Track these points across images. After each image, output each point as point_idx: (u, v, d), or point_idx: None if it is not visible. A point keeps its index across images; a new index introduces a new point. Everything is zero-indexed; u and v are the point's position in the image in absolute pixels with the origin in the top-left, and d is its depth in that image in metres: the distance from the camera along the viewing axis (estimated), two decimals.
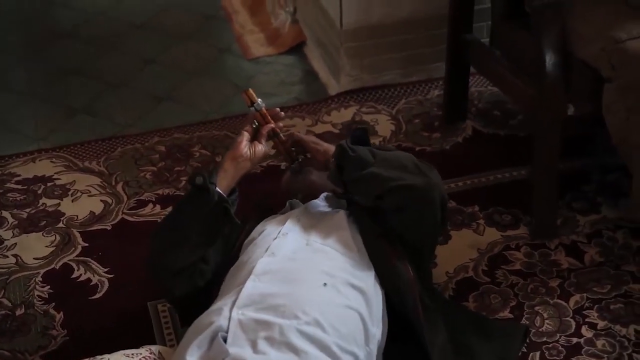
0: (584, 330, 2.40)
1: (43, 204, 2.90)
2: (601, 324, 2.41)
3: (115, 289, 2.59)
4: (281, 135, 2.38)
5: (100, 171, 3.04)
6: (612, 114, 2.42)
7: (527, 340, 2.36)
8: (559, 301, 2.48)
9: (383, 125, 3.22)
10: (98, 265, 2.66)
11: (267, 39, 3.80)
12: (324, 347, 1.93)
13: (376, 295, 2.15)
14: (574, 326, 2.41)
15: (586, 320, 2.43)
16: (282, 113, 2.39)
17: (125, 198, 2.91)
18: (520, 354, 2.32)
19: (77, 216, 2.85)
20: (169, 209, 2.84)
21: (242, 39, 3.82)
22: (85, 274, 2.63)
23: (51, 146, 3.19)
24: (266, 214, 2.40)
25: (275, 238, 2.20)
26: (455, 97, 3.18)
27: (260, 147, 2.33)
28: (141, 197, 2.91)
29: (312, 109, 3.32)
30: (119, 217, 2.84)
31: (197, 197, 2.23)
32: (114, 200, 2.91)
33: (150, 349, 2.32)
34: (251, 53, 3.73)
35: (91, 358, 2.17)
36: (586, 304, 2.47)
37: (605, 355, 2.32)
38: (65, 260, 2.68)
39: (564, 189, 2.77)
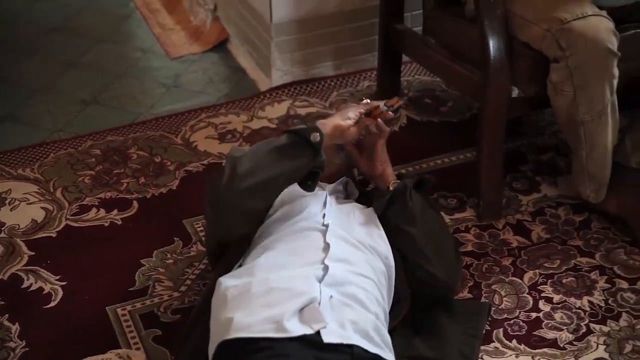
0: (541, 304, 2.47)
1: None
2: (556, 297, 2.49)
3: (70, 296, 2.52)
4: (364, 132, 2.37)
5: (35, 178, 2.96)
6: (559, 93, 2.50)
7: (489, 318, 2.42)
8: (514, 278, 2.55)
9: None
10: (49, 273, 2.59)
11: (189, 37, 3.77)
12: (387, 344, 2.04)
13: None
14: (531, 302, 2.48)
15: (542, 295, 2.50)
16: (391, 114, 2.34)
17: (66, 204, 2.84)
18: (484, 331, 2.38)
19: (18, 225, 2.76)
20: (114, 212, 2.80)
21: (163, 38, 3.78)
22: (36, 283, 2.56)
23: None
24: None
25: (323, 224, 2.21)
26: (388, 86, 3.23)
27: (354, 134, 2.31)
28: (83, 202, 2.85)
29: (245, 105, 3.31)
30: (63, 223, 2.77)
31: (304, 151, 2.19)
32: (55, 207, 2.83)
33: (118, 353, 2.30)
34: (175, 52, 3.69)
35: None
36: (540, 280, 2.55)
37: (565, 327, 2.40)
38: (12, 270, 2.60)
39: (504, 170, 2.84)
